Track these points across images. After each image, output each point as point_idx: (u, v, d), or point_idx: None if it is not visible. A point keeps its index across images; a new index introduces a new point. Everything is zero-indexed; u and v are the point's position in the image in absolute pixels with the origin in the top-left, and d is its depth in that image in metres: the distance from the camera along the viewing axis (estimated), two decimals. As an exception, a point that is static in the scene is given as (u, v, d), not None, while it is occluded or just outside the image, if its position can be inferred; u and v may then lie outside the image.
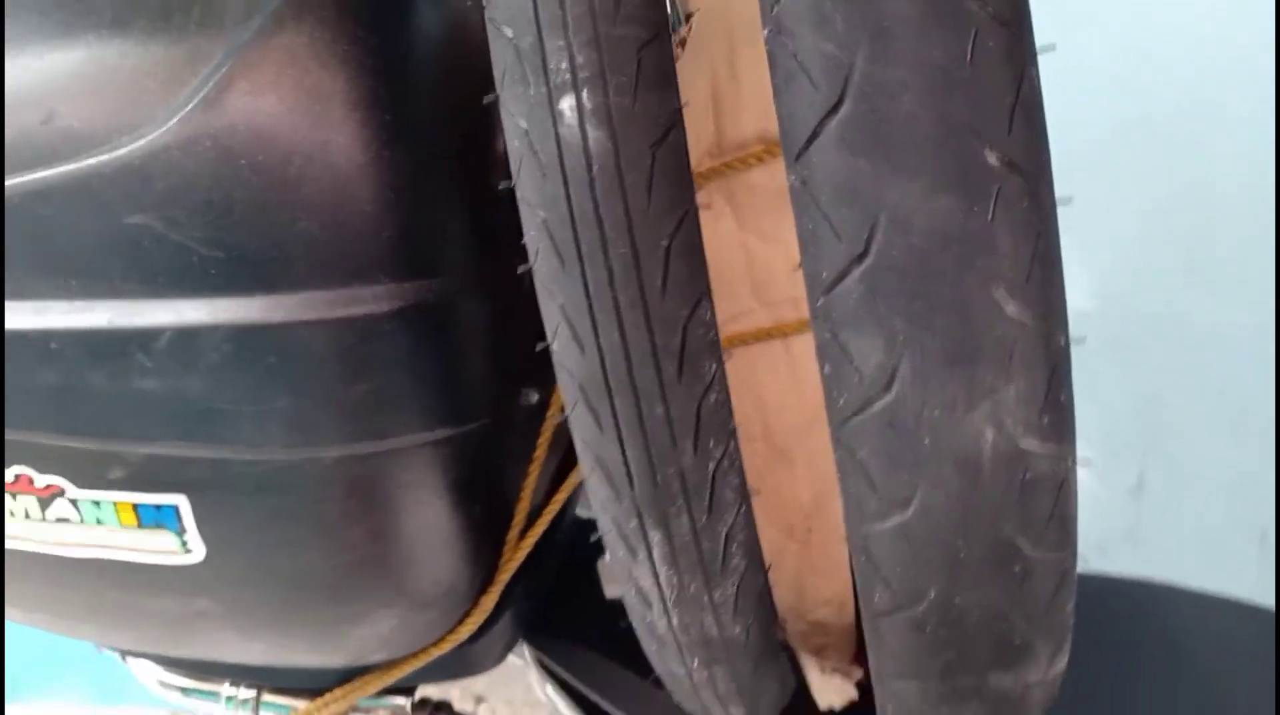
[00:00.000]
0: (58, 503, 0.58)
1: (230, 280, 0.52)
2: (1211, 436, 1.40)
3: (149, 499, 0.57)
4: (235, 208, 0.50)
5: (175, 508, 0.57)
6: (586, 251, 0.40)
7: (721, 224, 0.57)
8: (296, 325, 0.52)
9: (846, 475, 0.42)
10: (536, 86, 0.39)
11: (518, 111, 0.40)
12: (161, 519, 0.57)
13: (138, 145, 0.50)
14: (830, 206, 0.38)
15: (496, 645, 0.73)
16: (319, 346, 0.53)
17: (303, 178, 0.50)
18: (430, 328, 0.54)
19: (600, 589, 0.85)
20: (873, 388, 0.39)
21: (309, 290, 0.52)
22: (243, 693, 0.75)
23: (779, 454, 0.61)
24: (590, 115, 0.39)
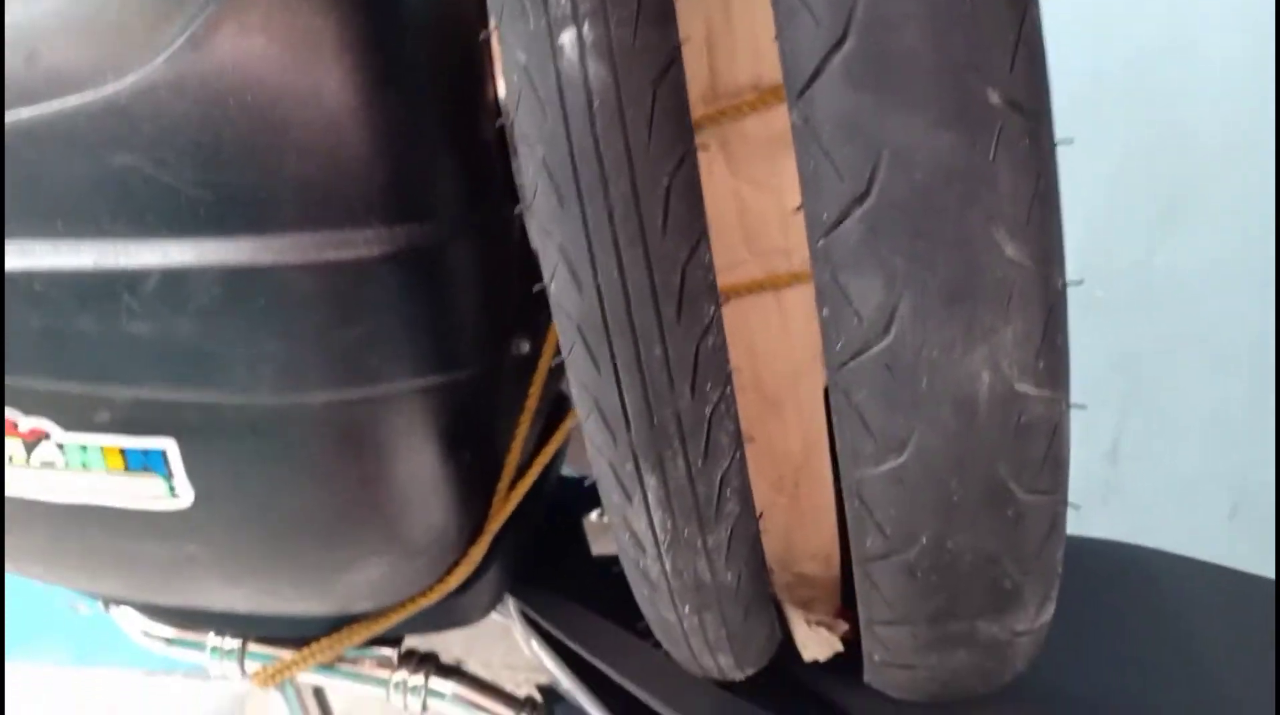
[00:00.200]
0: (43, 446, 0.58)
1: (219, 222, 0.51)
2: (1191, 390, 1.41)
3: (137, 443, 0.56)
4: (224, 149, 0.50)
5: (163, 452, 0.56)
6: (586, 189, 0.40)
7: (714, 171, 0.57)
8: (285, 268, 0.51)
9: (843, 420, 0.42)
10: (536, 19, 0.39)
11: (517, 45, 0.40)
12: (149, 463, 0.57)
13: (124, 85, 0.49)
14: (832, 144, 0.37)
15: (484, 597, 0.73)
16: (308, 290, 0.52)
17: (292, 119, 0.49)
18: (421, 273, 0.54)
19: (586, 546, 0.85)
20: (872, 330, 0.39)
21: (298, 233, 0.51)
22: (228, 643, 0.75)
23: (770, 405, 0.61)
24: (591, 49, 0.38)
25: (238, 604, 0.67)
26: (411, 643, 0.79)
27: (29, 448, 0.58)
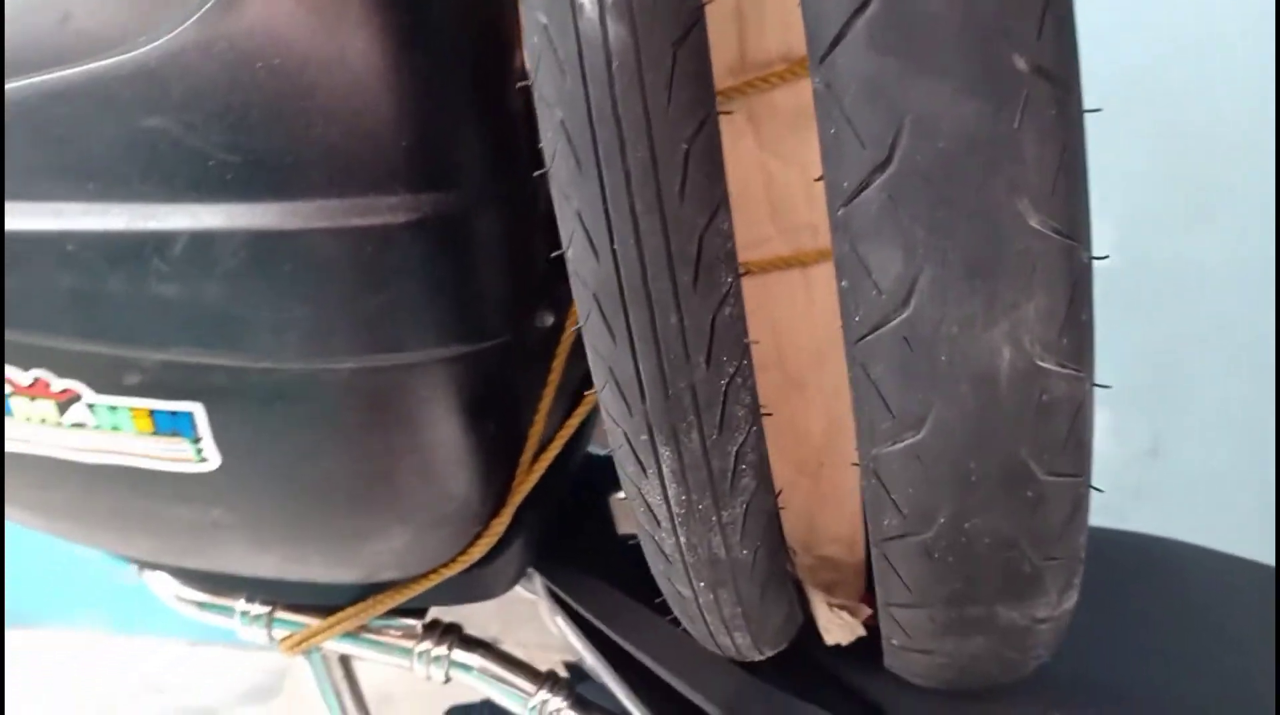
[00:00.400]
0: (75, 408, 0.59)
1: (246, 186, 0.51)
2: (1227, 388, 1.37)
3: (165, 406, 0.57)
4: (251, 112, 0.50)
5: (190, 415, 0.57)
6: (604, 153, 0.39)
7: (742, 144, 0.56)
8: (311, 233, 0.52)
9: (860, 395, 0.41)
10: None
11: (538, 5, 0.39)
12: (177, 426, 0.57)
13: (154, 47, 0.50)
14: (854, 109, 0.37)
15: (508, 571, 0.73)
16: (334, 256, 0.52)
17: (319, 83, 0.49)
18: (445, 241, 0.54)
19: (612, 524, 0.85)
20: (891, 302, 0.38)
21: (324, 198, 0.51)
22: (257, 608, 0.76)
23: (793, 384, 0.61)
24: (610, 9, 0.38)
25: (264, 569, 0.68)
26: (437, 614, 0.80)
27: (61, 408, 0.59)
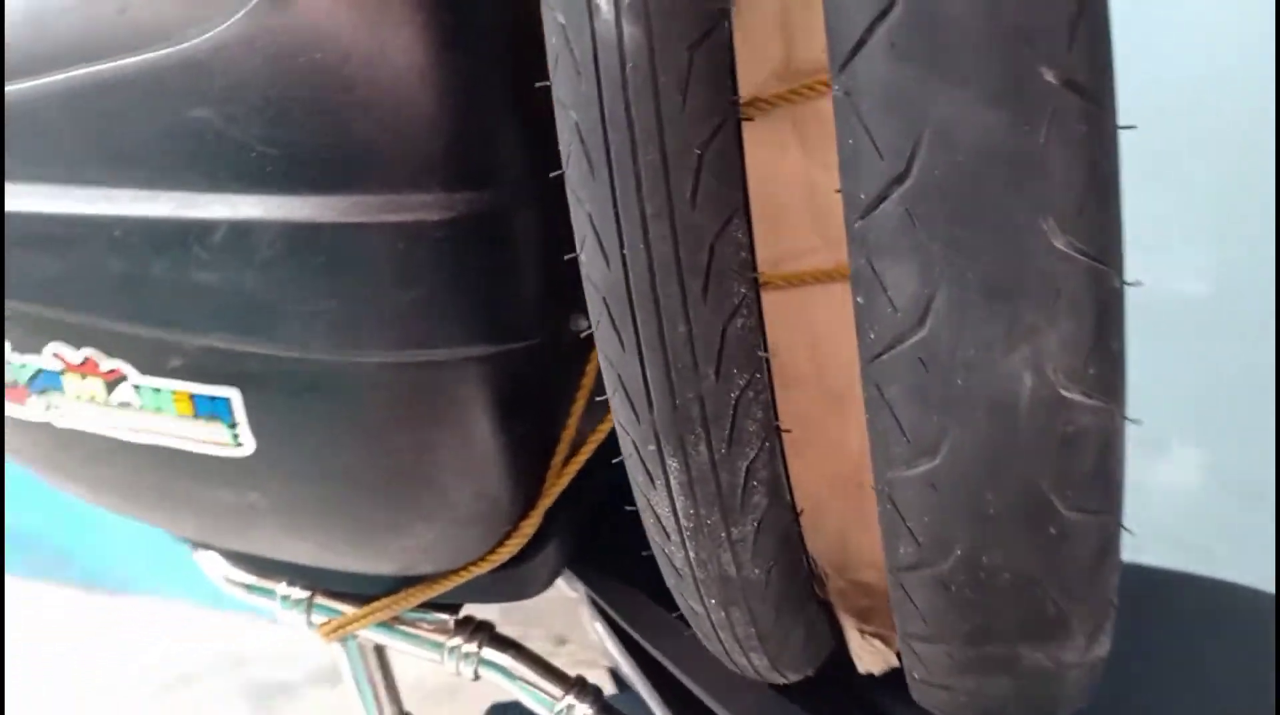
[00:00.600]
0: (121, 388, 0.60)
1: (285, 178, 0.52)
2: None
3: (204, 390, 0.58)
4: (292, 106, 0.51)
5: (228, 400, 0.58)
6: (615, 155, 0.38)
7: (787, 154, 0.54)
8: (347, 227, 0.52)
9: (874, 416, 0.39)
10: None
11: (556, 5, 0.39)
12: (215, 410, 0.59)
13: (203, 39, 0.51)
14: (873, 118, 0.35)
15: (541, 572, 0.73)
16: (368, 250, 0.53)
17: (359, 79, 0.50)
18: (480, 240, 0.54)
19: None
20: (906, 321, 0.36)
21: (361, 193, 0.52)
22: (297, 593, 0.77)
23: (832, 400, 0.59)
24: (626, 10, 0.37)
25: (298, 555, 0.69)
26: (471, 611, 0.80)
27: (109, 387, 0.61)
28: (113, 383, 0.60)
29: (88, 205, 0.55)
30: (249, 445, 0.59)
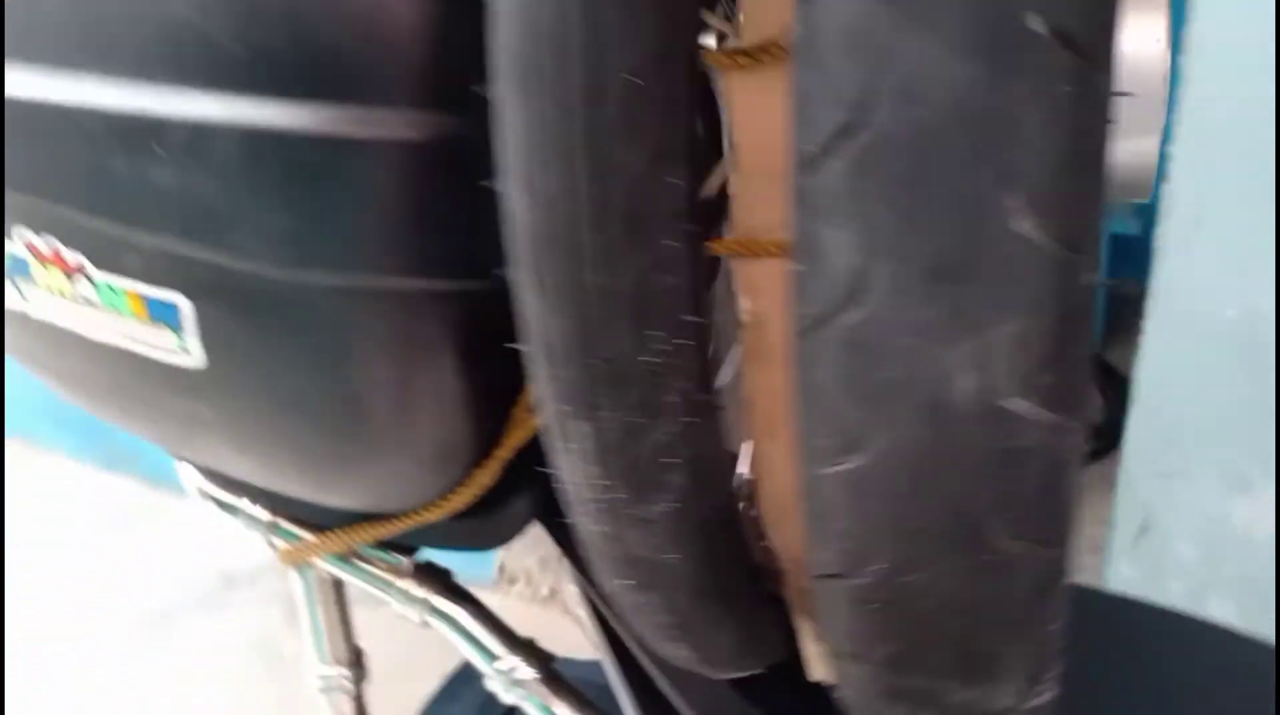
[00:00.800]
0: (81, 282, 0.58)
1: (249, 79, 0.49)
2: None
3: (154, 293, 0.56)
4: (264, 3, 0.48)
5: (176, 307, 0.56)
6: (539, 77, 0.34)
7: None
8: (305, 138, 0.49)
9: (800, 400, 0.35)
10: None
11: None
12: (164, 315, 0.56)
13: None
14: (834, 58, 0.30)
15: (504, 526, 0.70)
16: (325, 164, 0.49)
17: None
18: (443, 167, 0.50)
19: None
20: (839, 295, 0.32)
21: (324, 102, 0.49)
22: (261, 513, 0.76)
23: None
24: None
25: (251, 476, 0.67)
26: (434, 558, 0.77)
27: (70, 280, 0.59)
28: (72, 275, 0.58)
29: (57, 90, 0.53)
30: (197, 356, 0.57)
